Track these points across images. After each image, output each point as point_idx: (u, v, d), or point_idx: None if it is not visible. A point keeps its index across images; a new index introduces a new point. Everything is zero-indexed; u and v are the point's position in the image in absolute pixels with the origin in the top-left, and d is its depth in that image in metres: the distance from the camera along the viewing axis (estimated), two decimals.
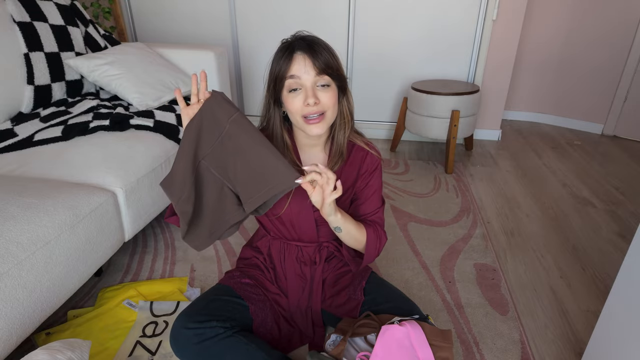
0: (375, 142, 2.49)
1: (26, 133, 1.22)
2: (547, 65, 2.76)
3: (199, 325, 0.80)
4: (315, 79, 0.75)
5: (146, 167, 1.21)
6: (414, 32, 2.29)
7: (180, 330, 0.81)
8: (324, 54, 0.75)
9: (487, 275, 1.29)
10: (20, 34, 1.34)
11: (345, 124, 0.85)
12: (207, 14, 2.39)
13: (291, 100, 0.77)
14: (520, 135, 2.67)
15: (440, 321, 1.10)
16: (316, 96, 0.76)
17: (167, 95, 1.56)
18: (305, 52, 0.75)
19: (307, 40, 0.77)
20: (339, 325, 0.88)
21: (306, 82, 0.75)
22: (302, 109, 0.77)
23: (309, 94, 0.75)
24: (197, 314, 0.83)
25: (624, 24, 2.43)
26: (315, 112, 0.77)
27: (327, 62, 0.76)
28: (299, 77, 0.75)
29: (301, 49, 0.75)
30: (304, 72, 0.75)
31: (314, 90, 0.76)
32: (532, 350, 1.02)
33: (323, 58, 0.75)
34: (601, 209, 1.74)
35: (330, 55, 0.77)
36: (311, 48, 0.75)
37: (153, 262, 1.32)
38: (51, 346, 0.75)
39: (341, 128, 0.85)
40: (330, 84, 0.77)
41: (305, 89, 0.76)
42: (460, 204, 1.74)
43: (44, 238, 0.85)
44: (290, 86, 0.76)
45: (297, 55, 0.75)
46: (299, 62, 0.75)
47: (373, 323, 0.83)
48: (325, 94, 0.77)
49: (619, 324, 0.76)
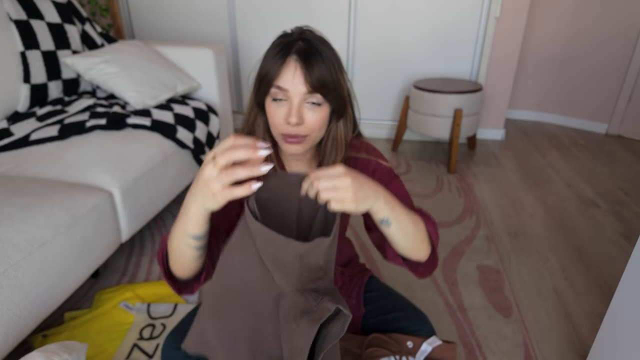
0: (377, 141, 2.47)
1: (22, 132, 1.20)
2: (551, 63, 2.73)
3: None
4: (304, 96, 0.62)
5: (143, 166, 1.19)
6: (416, 30, 2.27)
7: (170, 352, 0.73)
8: (321, 67, 0.61)
9: (491, 277, 1.27)
10: (17, 32, 1.32)
11: (337, 149, 0.70)
12: (206, 12, 2.38)
13: (273, 110, 0.64)
14: (524, 134, 2.64)
15: (443, 324, 1.08)
16: (301, 115, 0.62)
17: (164, 93, 1.54)
18: (299, 60, 0.60)
19: (308, 44, 0.62)
20: (341, 344, 0.79)
21: (293, 97, 0.62)
22: (282, 125, 0.63)
23: (293, 112, 0.61)
24: (186, 333, 0.78)
25: (629, 23, 2.40)
26: (295, 133, 0.63)
27: (324, 78, 0.61)
28: (286, 90, 0.61)
29: (297, 53, 0.61)
30: (292, 85, 0.61)
31: (299, 108, 0.62)
32: (535, 353, 1.00)
33: (320, 72, 0.61)
34: (606, 209, 1.71)
35: (332, 69, 0.62)
36: (308, 56, 0.60)
37: (150, 264, 1.31)
38: (47, 348, 0.74)
39: (331, 155, 0.71)
40: (322, 103, 0.63)
41: (290, 104, 0.62)
42: (463, 205, 1.72)
43: (40, 239, 0.84)
44: (275, 95, 0.63)
45: (289, 62, 0.61)
46: (289, 71, 0.61)
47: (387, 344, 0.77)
48: (313, 113, 0.63)
49: (624, 326, 0.75)
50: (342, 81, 0.65)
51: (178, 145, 1.38)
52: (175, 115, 1.45)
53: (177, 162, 1.38)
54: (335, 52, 0.65)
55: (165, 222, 1.54)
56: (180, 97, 1.65)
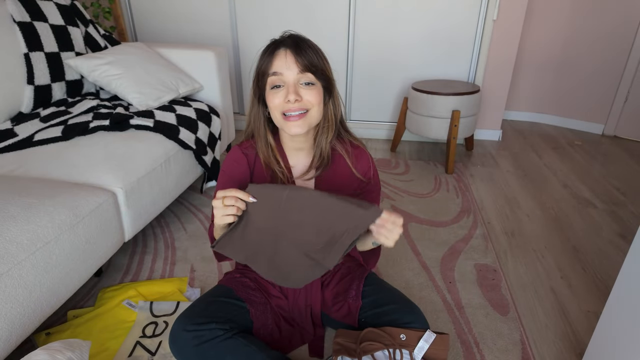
0: (376, 142, 2.49)
1: (26, 133, 1.22)
2: (547, 65, 2.76)
3: (197, 328, 0.80)
4: (298, 76, 0.74)
5: (146, 167, 1.21)
6: (414, 32, 2.29)
7: (179, 333, 0.80)
8: (308, 52, 0.74)
9: (488, 275, 1.29)
10: (20, 34, 1.34)
11: (329, 127, 0.82)
12: (208, 15, 2.39)
13: (272, 96, 0.75)
14: (520, 135, 2.67)
15: (441, 322, 1.10)
16: (298, 93, 0.74)
17: (167, 95, 1.56)
18: (288, 48, 0.73)
19: (293, 37, 0.76)
20: (337, 340, 0.85)
21: (288, 78, 0.74)
22: (282, 105, 0.75)
23: (290, 90, 0.73)
24: (196, 316, 0.82)
25: (625, 24, 2.43)
26: (296, 110, 0.74)
27: (311, 60, 0.74)
28: (281, 74, 0.73)
29: (285, 45, 0.74)
30: (286, 68, 0.73)
31: (295, 87, 0.74)
32: (532, 351, 1.02)
33: (307, 56, 0.73)
34: (602, 209, 1.73)
35: (316, 55, 0.75)
36: (296, 45, 0.73)
37: (153, 262, 1.32)
38: (51, 346, 0.75)
39: (324, 132, 0.82)
40: (314, 82, 0.75)
41: (287, 86, 0.74)
42: (460, 204, 1.73)
43: (43, 238, 0.85)
44: (273, 82, 0.75)
45: (280, 52, 0.74)
46: (281, 58, 0.73)
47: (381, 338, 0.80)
48: (309, 91, 0.75)
49: (620, 324, 0.76)
50: (327, 67, 0.78)
51: (180, 145, 1.39)
52: (177, 116, 1.47)
53: (180, 163, 1.40)
54: (315, 44, 0.77)
55: (168, 221, 1.55)
56: (183, 99, 1.67)
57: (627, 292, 0.74)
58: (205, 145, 1.54)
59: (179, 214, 1.61)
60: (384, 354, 0.78)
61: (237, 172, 0.85)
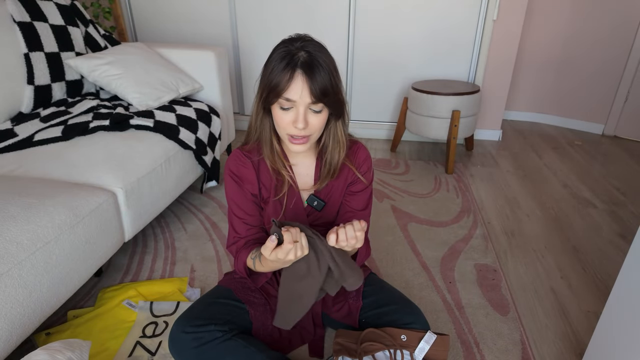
0: (376, 142, 2.49)
1: (26, 133, 1.22)
2: (547, 65, 2.76)
3: (196, 329, 0.80)
4: (309, 104, 0.74)
5: (146, 167, 1.21)
6: (414, 32, 2.29)
7: (178, 335, 0.80)
8: (324, 78, 0.72)
9: (488, 275, 1.29)
10: (20, 34, 1.34)
11: (340, 147, 0.84)
12: (208, 15, 2.39)
13: (281, 116, 0.75)
14: (520, 135, 2.67)
15: (441, 322, 1.10)
16: (306, 121, 0.74)
17: (167, 95, 1.56)
18: (305, 75, 0.71)
19: (310, 55, 0.72)
20: (337, 340, 0.85)
21: (299, 105, 0.73)
22: (289, 128, 0.76)
23: (300, 118, 0.73)
24: (195, 317, 0.82)
25: (625, 25, 2.43)
26: (302, 135, 0.76)
27: (326, 88, 0.72)
28: (294, 101, 0.73)
29: (302, 67, 0.71)
30: (300, 97, 0.72)
31: (305, 115, 0.74)
32: (532, 351, 1.02)
33: (322, 83, 0.72)
34: (602, 209, 1.73)
35: (331, 78, 0.73)
36: (312, 69, 0.71)
37: (153, 262, 1.32)
38: (51, 346, 0.75)
39: (335, 150, 0.84)
40: (323, 110, 0.76)
41: (297, 111, 0.74)
42: (460, 204, 1.73)
43: (43, 238, 0.85)
44: (283, 105, 0.74)
45: (297, 76, 0.71)
46: (297, 85, 0.71)
47: (381, 338, 0.80)
48: (315, 118, 0.76)
49: (620, 324, 0.76)
50: (340, 86, 0.77)
51: (180, 145, 1.40)
52: (177, 116, 1.47)
53: (180, 163, 1.40)
54: (332, 59, 0.75)
55: (168, 221, 1.55)
56: (183, 99, 1.67)
57: (627, 292, 0.74)
58: (205, 145, 1.54)
59: (179, 214, 1.61)
60: (384, 355, 0.78)
61: (244, 172, 0.86)
